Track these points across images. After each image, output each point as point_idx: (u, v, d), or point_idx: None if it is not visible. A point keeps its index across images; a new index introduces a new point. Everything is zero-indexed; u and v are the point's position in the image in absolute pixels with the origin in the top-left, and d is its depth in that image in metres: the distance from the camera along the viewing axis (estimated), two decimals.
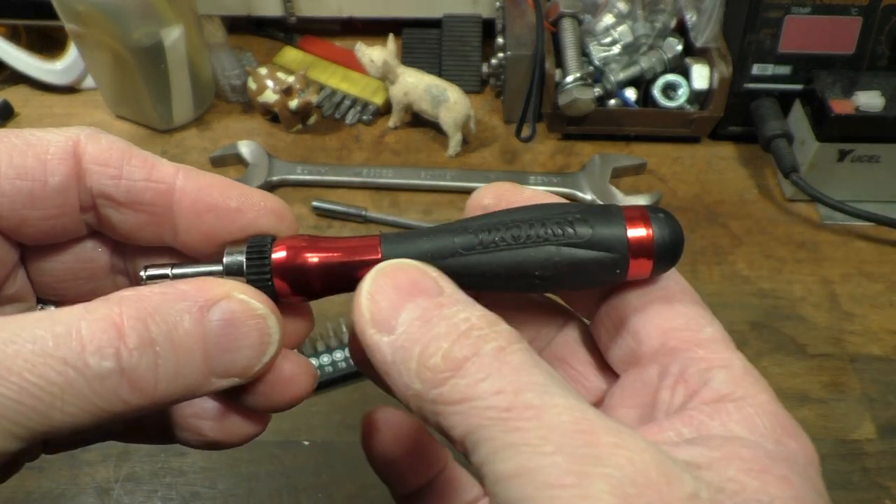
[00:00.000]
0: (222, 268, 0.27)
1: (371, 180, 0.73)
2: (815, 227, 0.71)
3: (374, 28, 0.86)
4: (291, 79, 0.76)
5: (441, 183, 0.73)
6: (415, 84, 0.75)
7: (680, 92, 0.76)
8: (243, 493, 0.53)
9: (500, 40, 0.79)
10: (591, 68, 0.76)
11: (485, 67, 0.82)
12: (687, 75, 0.75)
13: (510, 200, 0.28)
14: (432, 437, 0.33)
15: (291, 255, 0.26)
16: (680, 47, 0.76)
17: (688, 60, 0.76)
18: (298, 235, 0.28)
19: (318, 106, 0.81)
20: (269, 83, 0.76)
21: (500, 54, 0.79)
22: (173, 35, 0.72)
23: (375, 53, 0.74)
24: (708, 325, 0.26)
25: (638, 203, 0.70)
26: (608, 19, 0.77)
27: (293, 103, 0.76)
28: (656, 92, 0.76)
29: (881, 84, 0.68)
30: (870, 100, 0.66)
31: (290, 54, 0.87)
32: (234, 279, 0.26)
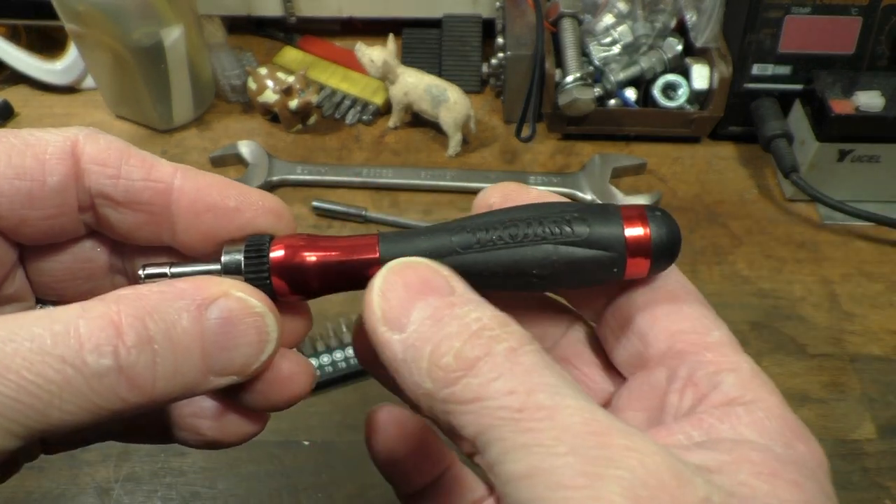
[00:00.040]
0: (220, 267, 0.27)
1: (371, 180, 0.73)
2: (815, 227, 0.71)
3: (374, 28, 0.86)
4: (291, 79, 0.76)
5: (441, 183, 0.73)
6: (415, 84, 0.75)
7: (680, 92, 0.76)
8: (243, 493, 0.53)
9: (500, 40, 0.79)
10: (591, 68, 0.76)
11: (485, 67, 0.82)
12: (687, 75, 0.75)
13: (516, 200, 0.28)
14: (437, 436, 0.32)
15: (289, 254, 0.26)
16: (680, 47, 0.76)
17: (688, 60, 0.76)
18: (296, 234, 0.28)
19: (318, 106, 0.81)
20: (269, 83, 0.76)
21: (500, 54, 0.79)
22: (173, 35, 0.72)
23: (375, 53, 0.74)
24: (715, 328, 0.26)
25: (638, 203, 0.70)
26: (608, 19, 0.77)
27: (293, 103, 0.76)
28: (656, 92, 0.76)
29: (881, 84, 0.68)
30: (870, 100, 0.66)
31: (290, 54, 0.87)
32: (232, 278, 0.26)
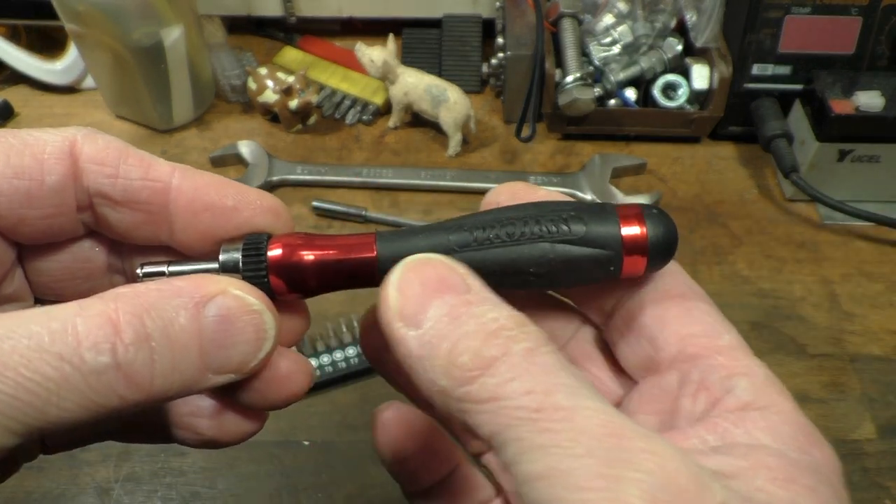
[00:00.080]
0: (218, 265, 0.27)
1: (371, 180, 0.73)
2: (815, 227, 0.71)
3: (374, 28, 0.86)
4: (291, 79, 0.76)
5: (441, 183, 0.73)
6: (415, 84, 0.75)
7: (680, 92, 0.76)
8: (243, 493, 0.53)
9: (500, 40, 0.79)
10: (591, 68, 0.76)
11: (485, 67, 0.82)
12: (687, 75, 0.75)
13: (524, 199, 0.28)
14: (444, 435, 0.32)
15: (287, 253, 0.27)
16: (680, 47, 0.76)
17: (688, 60, 0.76)
18: (294, 233, 0.28)
19: (318, 106, 0.81)
20: (269, 83, 0.76)
21: (500, 54, 0.79)
22: (173, 35, 0.72)
23: (375, 53, 0.74)
24: (725, 332, 0.26)
25: (636, 202, 0.70)
26: (608, 19, 0.77)
27: (293, 103, 0.76)
28: (656, 92, 0.76)
29: (881, 84, 0.68)
30: (870, 100, 0.66)
31: (290, 54, 0.87)
32: (230, 276, 0.26)
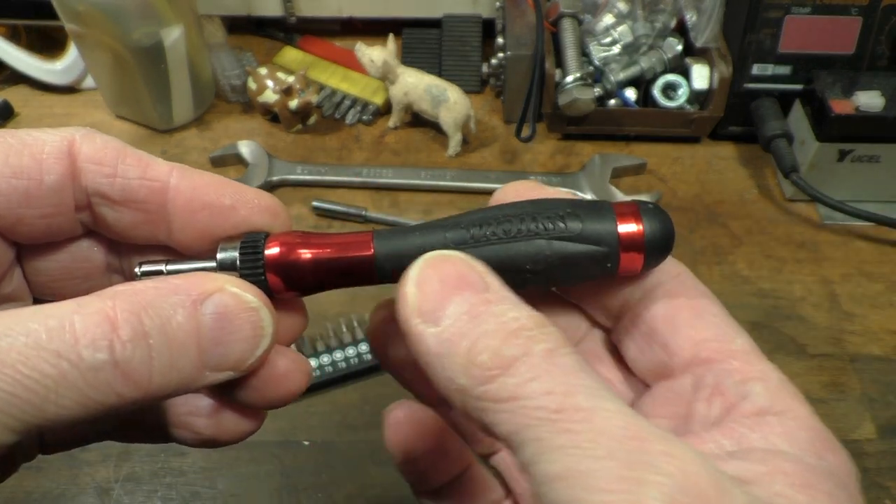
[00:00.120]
0: (216, 264, 0.27)
1: (371, 180, 0.73)
2: (815, 227, 0.71)
3: (374, 28, 0.86)
4: (291, 79, 0.76)
5: (441, 183, 0.73)
6: (415, 84, 0.75)
7: (680, 92, 0.76)
8: (243, 493, 0.53)
9: (500, 40, 0.79)
10: (591, 68, 0.76)
11: (485, 67, 0.82)
12: (687, 75, 0.75)
13: (531, 198, 0.28)
14: (455, 435, 0.32)
15: (285, 251, 0.27)
16: (680, 47, 0.76)
17: (688, 60, 0.76)
18: (292, 232, 0.28)
19: (318, 106, 0.81)
20: (269, 83, 0.76)
21: (500, 54, 0.79)
22: (173, 35, 0.72)
23: (375, 53, 0.74)
24: (737, 335, 0.26)
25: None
26: (608, 19, 0.77)
27: (293, 103, 0.76)
28: (656, 92, 0.76)
29: (881, 84, 0.68)
30: (870, 100, 0.66)
31: (290, 54, 0.87)
32: (227, 274, 0.26)
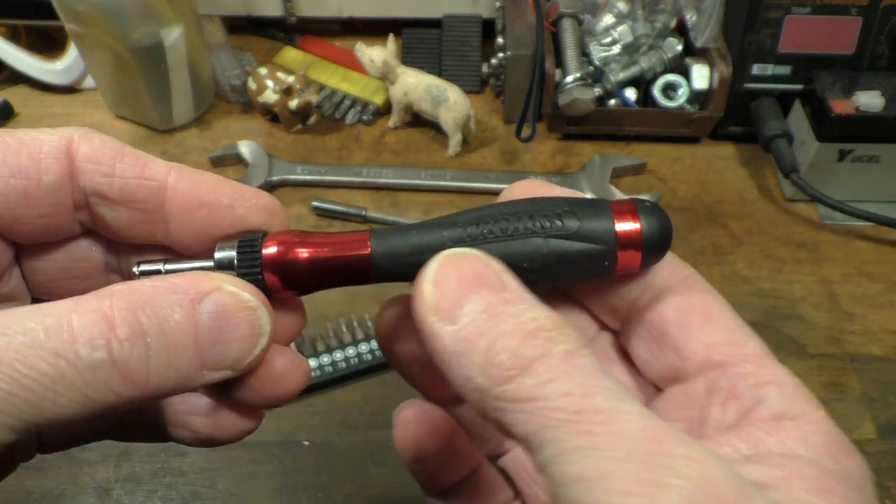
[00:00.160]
0: (214, 263, 0.27)
1: (371, 180, 0.73)
2: (815, 227, 0.71)
3: (374, 28, 0.86)
4: (291, 79, 0.76)
5: (441, 183, 0.73)
6: (415, 84, 0.75)
7: (680, 92, 0.76)
8: (243, 493, 0.53)
9: (500, 40, 0.79)
10: (591, 68, 0.76)
11: (485, 67, 0.82)
12: (687, 75, 0.75)
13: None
14: (464, 435, 0.32)
15: (282, 250, 0.27)
16: (680, 47, 0.76)
17: (688, 60, 0.75)
18: (289, 231, 0.28)
19: (318, 106, 0.81)
20: (269, 83, 0.76)
21: (500, 54, 0.79)
22: (173, 35, 0.72)
23: (375, 53, 0.74)
24: (749, 339, 0.26)
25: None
26: (608, 19, 0.77)
27: (293, 103, 0.76)
28: (656, 92, 0.76)
29: (881, 84, 0.68)
30: (870, 100, 0.66)
31: (290, 54, 0.87)
32: (225, 273, 0.26)
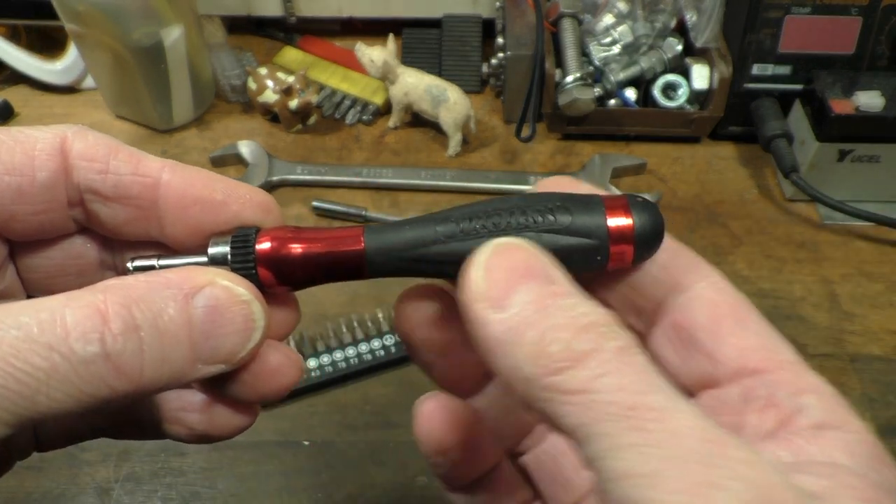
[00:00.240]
0: (207, 258, 0.27)
1: (371, 180, 0.73)
2: (815, 227, 0.71)
3: (374, 28, 0.86)
4: (291, 79, 0.76)
5: (441, 183, 0.73)
6: (415, 84, 0.75)
7: (680, 92, 0.76)
8: (243, 493, 0.53)
9: (500, 40, 0.79)
10: (591, 68, 0.76)
11: (485, 67, 0.82)
12: (687, 75, 0.75)
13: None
14: (486, 430, 0.32)
15: (276, 246, 0.27)
16: (680, 47, 0.76)
17: (688, 60, 0.75)
18: (283, 226, 0.28)
19: (318, 106, 0.81)
20: (269, 83, 0.76)
21: (500, 54, 0.79)
22: (173, 35, 0.72)
23: (375, 53, 0.74)
24: (782, 346, 0.26)
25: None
26: (608, 19, 0.77)
27: (293, 103, 0.76)
28: (656, 92, 0.76)
29: (881, 84, 0.68)
30: (870, 100, 0.66)
31: (290, 54, 0.87)
32: (219, 268, 0.26)
